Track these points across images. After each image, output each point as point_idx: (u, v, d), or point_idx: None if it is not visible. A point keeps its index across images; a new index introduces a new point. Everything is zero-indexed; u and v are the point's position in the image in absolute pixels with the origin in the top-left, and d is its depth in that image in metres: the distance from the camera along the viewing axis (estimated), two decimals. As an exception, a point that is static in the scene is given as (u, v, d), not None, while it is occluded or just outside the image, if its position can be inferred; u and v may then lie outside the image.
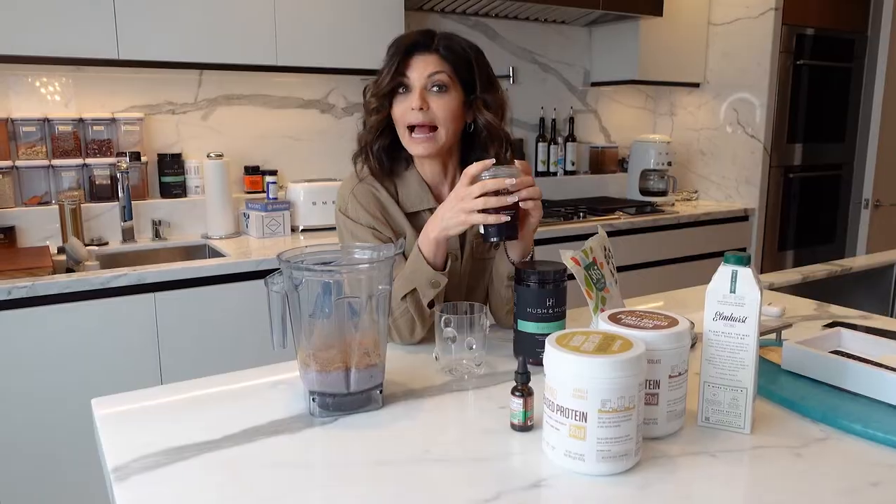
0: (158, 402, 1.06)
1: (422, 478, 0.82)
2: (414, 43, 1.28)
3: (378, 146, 1.33)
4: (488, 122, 1.32)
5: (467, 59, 1.30)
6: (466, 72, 1.30)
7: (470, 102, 1.32)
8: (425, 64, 1.27)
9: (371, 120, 1.32)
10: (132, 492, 0.79)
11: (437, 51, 1.28)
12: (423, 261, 1.22)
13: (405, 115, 1.28)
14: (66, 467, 2.00)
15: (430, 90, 1.27)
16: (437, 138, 1.29)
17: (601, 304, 1.11)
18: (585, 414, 0.80)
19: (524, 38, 3.45)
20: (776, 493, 0.78)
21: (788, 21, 3.43)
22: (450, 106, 1.28)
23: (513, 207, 1.15)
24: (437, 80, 1.27)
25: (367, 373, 1.00)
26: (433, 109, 1.27)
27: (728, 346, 0.91)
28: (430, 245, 1.21)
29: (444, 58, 1.28)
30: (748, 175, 3.57)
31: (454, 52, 1.29)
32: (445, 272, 1.24)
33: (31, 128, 2.41)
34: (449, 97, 1.28)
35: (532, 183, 1.16)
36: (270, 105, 2.85)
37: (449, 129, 1.30)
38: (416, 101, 1.26)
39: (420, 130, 1.28)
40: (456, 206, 1.17)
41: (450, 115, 1.29)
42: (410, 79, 1.27)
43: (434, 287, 1.23)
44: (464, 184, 1.16)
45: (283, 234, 2.66)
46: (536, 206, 1.18)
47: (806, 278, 1.91)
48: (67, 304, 1.96)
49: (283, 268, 0.98)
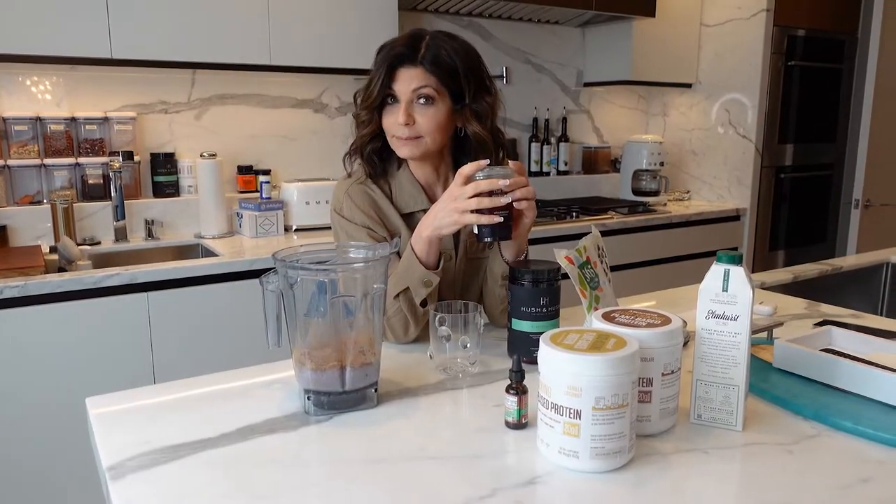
0: (153, 400, 1.06)
1: (417, 475, 0.83)
2: (399, 56, 1.27)
3: (369, 149, 1.35)
4: (476, 133, 1.32)
5: (454, 69, 1.28)
6: (454, 82, 1.29)
7: (458, 110, 1.32)
8: (410, 78, 1.27)
9: (361, 132, 1.34)
10: (128, 490, 0.79)
11: (423, 64, 1.27)
12: (415, 260, 1.23)
13: (392, 127, 1.30)
14: (60, 467, 1.99)
15: (417, 102, 1.28)
16: (420, 144, 1.30)
17: (595, 303, 1.12)
18: (579, 411, 0.81)
19: (517, 39, 3.45)
20: (768, 490, 0.79)
21: (780, 22, 3.45)
22: (436, 118, 1.28)
23: (506, 208, 1.15)
24: (422, 94, 1.27)
25: (362, 371, 1.00)
26: (419, 123, 1.28)
27: (720, 344, 0.92)
28: (423, 244, 1.22)
29: (429, 71, 1.27)
30: (740, 175, 3.59)
31: (440, 65, 1.27)
32: (438, 271, 1.24)
33: (23, 126, 2.40)
34: (435, 109, 1.28)
35: (526, 183, 1.17)
36: (264, 105, 2.85)
37: (435, 139, 1.30)
38: (402, 117, 1.27)
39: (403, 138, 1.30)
40: (449, 205, 1.17)
41: (435, 127, 1.29)
42: (397, 92, 1.28)
43: (426, 286, 1.23)
44: (458, 184, 1.16)
45: (276, 233, 2.66)
46: (530, 207, 1.18)
47: (797, 277, 1.93)
48: (60, 304, 1.95)
49: (278, 267, 0.98)
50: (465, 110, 1.31)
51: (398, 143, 1.31)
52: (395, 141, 1.31)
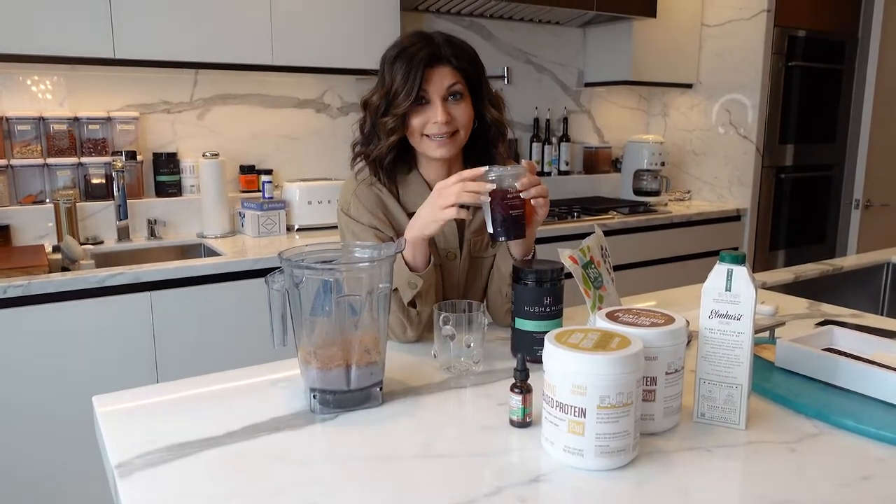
0: (159, 399, 1.06)
1: (422, 473, 0.83)
2: (430, 56, 1.26)
3: (390, 158, 1.33)
4: (495, 119, 1.35)
5: (473, 61, 1.32)
6: (474, 74, 1.32)
7: (478, 102, 1.34)
8: (441, 77, 1.27)
9: (388, 140, 1.29)
10: (136, 487, 0.80)
11: (450, 61, 1.28)
12: (401, 262, 1.24)
13: (426, 126, 1.29)
14: (65, 466, 1.99)
15: (448, 100, 1.29)
16: (456, 140, 1.31)
17: (598, 303, 1.13)
18: (584, 410, 0.81)
19: (518, 39, 3.46)
20: (771, 488, 0.80)
21: (781, 23, 3.45)
22: (468, 111, 1.31)
23: (520, 206, 1.16)
24: (454, 90, 1.29)
25: (367, 370, 1.01)
26: (455, 119, 1.29)
27: (723, 344, 0.93)
28: (409, 246, 1.23)
29: (456, 67, 1.29)
30: (740, 175, 3.60)
31: (463, 59, 1.30)
32: (423, 274, 1.25)
33: (26, 126, 2.41)
34: (465, 103, 1.30)
35: (539, 182, 1.18)
36: (266, 105, 2.86)
37: (467, 133, 1.33)
38: (442, 115, 1.26)
39: (441, 135, 1.29)
40: (434, 204, 1.19)
41: (468, 120, 1.32)
42: (429, 93, 1.28)
43: (412, 288, 1.24)
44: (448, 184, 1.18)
45: (278, 233, 2.66)
46: (545, 204, 1.20)
47: (798, 277, 1.93)
48: (63, 304, 1.96)
49: (283, 266, 0.98)
50: (484, 101, 1.34)
51: (434, 142, 1.29)
52: (428, 142, 1.30)
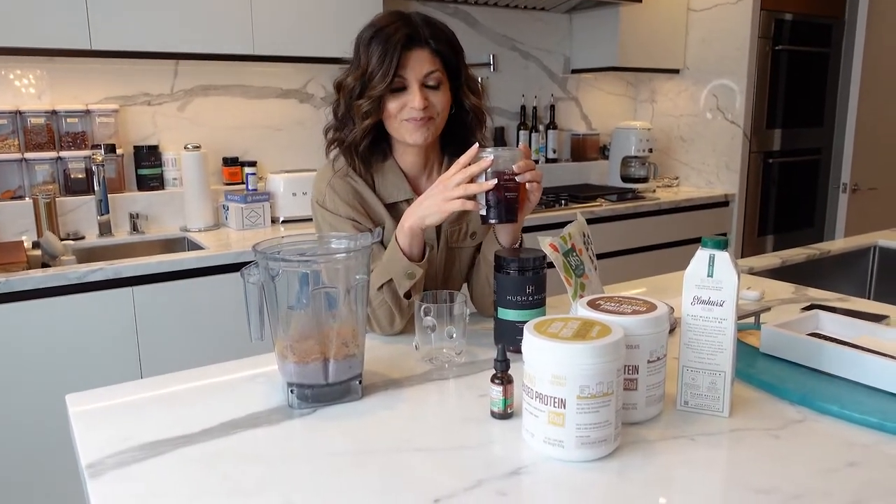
0: (134, 397, 1.04)
1: (402, 466, 0.82)
2: (406, 38, 1.22)
3: (365, 143, 1.30)
4: (474, 105, 1.33)
5: (453, 44, 1.29)
6: (453, 58, 1.29)
7: (456, 88, 1.31)
8: (420, 62, 1.24)
9: (362, 124, 1.26)
10: (106, 488, 0.78)
11: (429, 43, 1.25)
12: (398, 251, 1.21)
13: (403, 111, 1.26)
14: (44, 465, 1.97)
15: (426, 86, 1.26)
16: (432, 125, 1.28)
17: (580, 291, 1.11)
18: (564, 400, 0.80)
19: (504, 26, 3.42)
20: (755, 476, 0.79)
21: (767, 7, 3.44)
22: (445, 98, 1.28)
23: (515, 189, 1.14)
24: (433, 78, 1.26)
25: (345, 363, 0.99)
26: (432, 104, 1.26)
27: (706, 330, 0.91)
28: (406, 235, 1.20)
29: (435, 50, 1.25)
30: (728, 161, 3.59)
31: (441, 41, 1.26)
32: (422, 263, 1.23)
33: (3, 120, 2.36)
34: (443, 90, 1.28)
35: (533, 166, 1.16)
36: (248, 95, 2.82)
37: (444, 118, 1.31)
38: (419, 101, 1.23)
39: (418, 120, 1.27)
40: (439, 194, 1.16)
41: (446, 106, 1.29)
42: (406, 77, 1.24)
43: (409, 278, 1.22)
44: (451, 172, 1.16)
45: (263, 225, 2.63)
46: (538, 189, 1.18)
47: (785, 262, 1.93)
48: (43, 300, 1.93)
49: (258, 259, 0.96)
50: (462, 87, 1.31)
51: (411, 127, 1.26)
52: (406, 126, 1.27)
